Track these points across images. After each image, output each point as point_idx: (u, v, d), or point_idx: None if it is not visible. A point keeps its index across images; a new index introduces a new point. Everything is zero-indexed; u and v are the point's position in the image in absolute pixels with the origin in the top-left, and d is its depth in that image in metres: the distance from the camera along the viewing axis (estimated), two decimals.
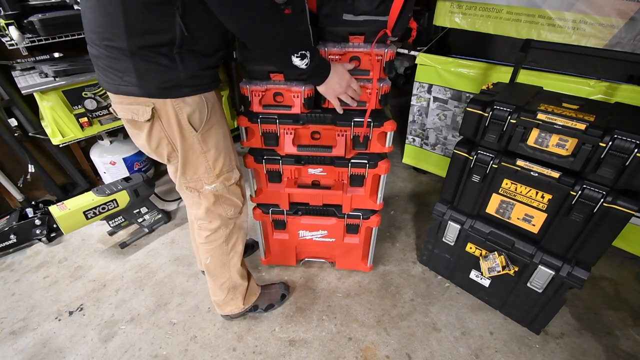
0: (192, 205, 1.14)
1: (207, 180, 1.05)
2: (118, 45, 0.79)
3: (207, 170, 1.03)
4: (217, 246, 1.20)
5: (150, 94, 0.86)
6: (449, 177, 1.40)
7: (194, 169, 1.02)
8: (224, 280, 1.28)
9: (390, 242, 1.86)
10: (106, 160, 2.07)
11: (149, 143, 0.96)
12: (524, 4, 1.59)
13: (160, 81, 0.84)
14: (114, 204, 1.74)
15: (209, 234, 1.17)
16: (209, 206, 1.10)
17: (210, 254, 1.21)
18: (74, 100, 1.77)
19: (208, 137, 0.98)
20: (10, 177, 1.90)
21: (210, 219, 1.14)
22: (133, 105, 0.88)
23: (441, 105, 2.03)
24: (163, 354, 1.32)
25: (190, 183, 1.05)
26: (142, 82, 0.83)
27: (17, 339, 1.39)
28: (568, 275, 1.17)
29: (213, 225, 1.15)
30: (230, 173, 1.09)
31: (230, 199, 1.13)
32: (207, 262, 1.23)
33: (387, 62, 1.10)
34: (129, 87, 0.85)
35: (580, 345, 1.35)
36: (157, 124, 0.91)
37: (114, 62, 0.82)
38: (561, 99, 1.22)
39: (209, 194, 1.07)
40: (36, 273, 1.69)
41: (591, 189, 1.04)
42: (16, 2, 1.53)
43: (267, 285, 1.52)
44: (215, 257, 1.22)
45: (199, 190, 1.06)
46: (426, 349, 1.34)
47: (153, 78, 0.83)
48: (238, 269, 1.29)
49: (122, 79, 0.84)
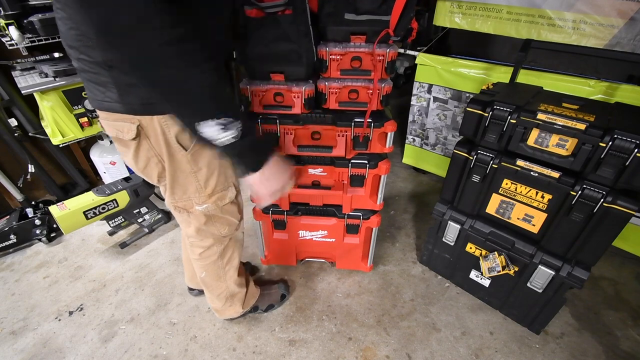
0: (182, 223, 1.07)
1: (198, 201, 0.96)
2: (94, 59, 0.71)
3: (197, 190, 0.94)
4: (212, 262, 1.14)
5: (134, 111, 0.77)
6: (449, 177, 1.40)
7: (183, 189, 0.93)
8: (220, 291, 1.24)
9: (390, 242, 1.86)
10: (106, 160, 2.07)
11: (137, 163, 0.88)
12: (524, 4, 1.60)
13: (144, 96, 0.75)
14: (114, 204, 1.74)
15: (202, 251, 1.11)
16: (200, 226, 1.02)
17: (205, 269, 1.16)
18: (74, 100, 1.76)
19: (199, 155, 0.88)
20: (10, 177, 1.90)
21: (201, 238, 1.07)
22: (118, 122, 0.80)
23: (441, 105, 2.03)
24: (163, 354, 1.32)
25: (178, 203, 0.97)
26: (124, 98, 0.75)
27: (17, 339, 1.39)
28: (568, 275, 1.17)
29: (205, 243, 1.09)
30: (225, 192, 0.99)
31: (224, 218, 1.04)
32: (202, 276, 1.19)
33: (389, 63, 1.10)
34: (111, 103, 0.77)
35: (580, 345, 1.35)
36: (144, 143, 0.83)
37: (95, 76, 0.75)
38: (561, 99, 1.22)
39: (199, 214, 0.99)
40: (36, 273, 1.69)
41: (591, 189, 1.04)
42: (16, 2, 1.53)
43: (267, 286, 1.50)
44: (210, 272, 1.17)
45: (188, 210, 0.98)
46: (426, 349, 1.34)
47: (135, 93, 0.74)
48: (235, 280, 1.24)
49: (105, 94, 0.76)
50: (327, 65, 1.12)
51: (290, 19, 0.98)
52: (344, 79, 1.14)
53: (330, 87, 1.14)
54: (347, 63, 1.12)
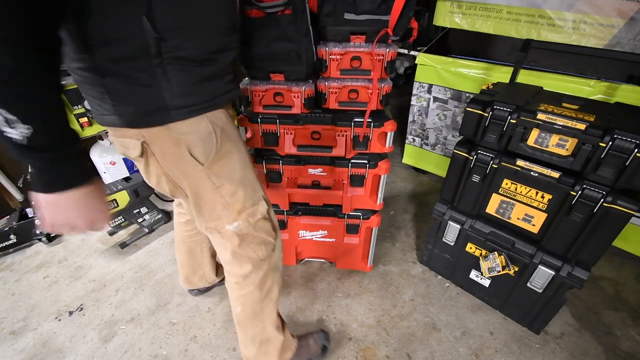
0: (218, 247, 0.97)
1: (228, 219, 0.87)
2: (85, 65, 0.63)
3: (225, 207, 0.85)
4: (249, 292, 1.01)
5: (131, 123, 0.68)
6: (449, 177, 1.40)
7: (210, 207, 0.85)
8: (255, 333, 1.08)
9: (390, 242, 1.86)
10: (106, 160, 2.07)
11: (149, 179, 0.80)
12: (524, 4, 1.60)
13: (141, 105, 0.67)
14: (114, 204, 1.74)
15: (239, 280, 0.99)
16: (235, 249, 0.92)
17: (241, 301, 1.03)
18: (74, 100, 1.77)
19: (219, 169, 0.80)
20: (10, 177, 1.90)
21: (239, 263, 0.96)
22: (123, 139, 0.72)
23: (441, 105, 2.03)
24: (163, 354, 1.32)
25: (209, 223, 0.88)
26: (120, 109, 0.66)
27: (17, 339, 1.39)
28: (568, 275, 1.17)
29: (244, 270, 0.97)
30: (255, 207, 0.90)
31: (258, 237, 0.94)
32: (237, 312, 1.05)
33: (389, 62, 1.10)
34: (109, 116, 0.68)
35: (580, 345, 1.35)
36: (151, 160, 0.74)
37: (89, 87, 0.66)
38: (561, 99, 1.22)
39: (231, 235, 0.90)
40: (36, 273, 1.69)
41: (591, 189, 1.04)
42: None
43: (304, 336, 1.27)
44: (247, 306, 1.03)
45: (219, 231, 0.90)
46: (426, 349, 1.34)
47: (131, 102, 0.66)
48: (273, 320, 1.08)
49: (102, 106, 0.68)
50: (326, 65, 1.12)
51: (290, 19, 0.98)
52: (344, 78, 1.14)
53: (330, 86, 1.14)
54: (347, 63, 1.12)
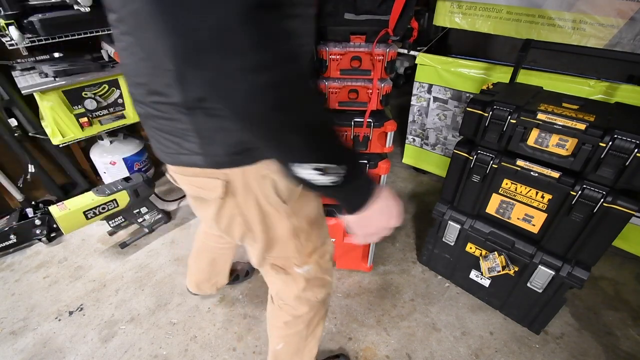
0: (276, 283, 0.87)
1: (298, 261, 0.80)
2: (170, 100, 0.55)
3: (297, 249, 0.78)
4: (296, 332, 0.96)
5: (219, 164, 0.61)
6: (449, 177, 1.40)
7: (282, 247, 0.77)
8: None
9: (390, 242, 1.86)
10: (106, 160, 2.07)
11: (218, 222, 0.72)
12: (524, 4, 1.60)
13: (233, 143, 0.59)
14: (114, 204, 1.74)
15: (289, 320, 0.92)
16: (299, 293, 0.86)
17: (285, 340, 0.97)
18: (74, 100, 1.76)
19: (299, 207, 0.72)
20: (10, 177, 1.90)
21: (297, 306, 0.90)
22: (198, 179, 0.64)
23: (441, 105, 2.03)
24: (163, 354, 1.32)
25: (277, 261, 0.81)
26: (207, 148, 0.59)
27: (17, 339, 1.39)
28: (568, 275, 1.17)
29: (298, 312, 0.91)
30: (325, 246, 0.84)
31: (322, 279, 0.88)
32: (277, 348, 0.99)
33: (389, 62, 1.10)
34: (190, 156, 0.61)
35: (580, 345, 1.35)
36: (230, 201, 0.67)
37: (168, 123, 0.59)
38: (561, 99, 1.22)
39: (298, 277, 0.83)
40: (36, 273, 1.69)
41: (591, 189, 1.04)
42: (16, 2, 1.53)
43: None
44: (291, 345, 0.98)
45: (286, 270, 0.83)
46: (426, 349, 1.34)
47: (221, 140, 0.59)
48: (312, 356, 1.04)
49: (181, 145, 0.60)
50: (326, 65, 1.12)
51: None
52: (344, 78, 1.14)
53: (330, 86, 1.14)
54: (347, 63, 1.12)
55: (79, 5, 1.59)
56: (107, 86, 1.83)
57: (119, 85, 1.86)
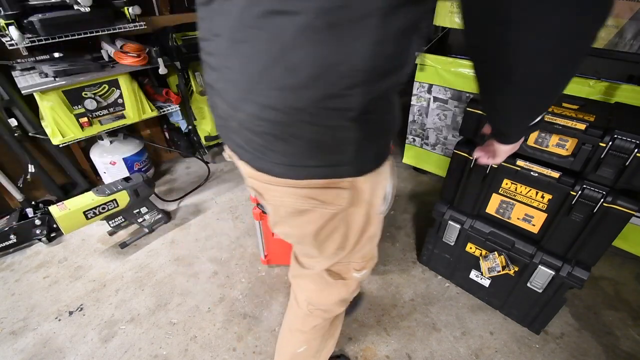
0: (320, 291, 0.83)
1: (358, 266, 0.79)
2: (339, 105, 0.47)
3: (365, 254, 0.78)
4: (322, 334, 0.94)
5: (366, 169, 0.58)
6: (449, 177, 1.40)
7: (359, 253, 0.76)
8: None
9: (390, 242, 1.86)
10: (106, 160, 2.07)
11: (317, 236, 0.65)
12: None
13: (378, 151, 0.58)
14: (114, 204, 1.74)
15: (319, 323, 0.90)
16: (347, 295, 0.84)
17: (308, 342, 0.95)
18: (74, 100, 1.76)
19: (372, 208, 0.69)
20: (10, 177, 1.90)
21: (338, 308, 0.88)
22: (316, 190, 0.57)
23: (441, 105, 2.03)
24: (163, 354, 1.32)
25: (336, 267, 0.78)
26: (360, 157, 0.55)
27: (17, 339, 1.39)
28: (568, 275, 1.17)
29: (333, 314, 0.90)
30: (375, 250, 0.84)
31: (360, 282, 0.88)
32: (300, 351, 0.96)
33: None
34: (336, 168, 0.55)
35: (580, 345, 1.35)
36: (343, 211, 0.62)
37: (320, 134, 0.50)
38: (561, 99, 1.22)
39: (353, 281, 0.82)
40: (36, 273, 1.69)
41: (591, 189, 1.04)
42: (16, 2, 1.53)
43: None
44: (313, 345, 0.96)
45: (343, 277, 0.80)
46: (426, 349, 1.34)
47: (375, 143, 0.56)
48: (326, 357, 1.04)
49: (329, 157, 0.53)
50: None
51: None
52: None
53: None
54: None
55: (79, 5, 1.59)
56: (107, 86, 1.83)
57: (119, 85, 1.86)
